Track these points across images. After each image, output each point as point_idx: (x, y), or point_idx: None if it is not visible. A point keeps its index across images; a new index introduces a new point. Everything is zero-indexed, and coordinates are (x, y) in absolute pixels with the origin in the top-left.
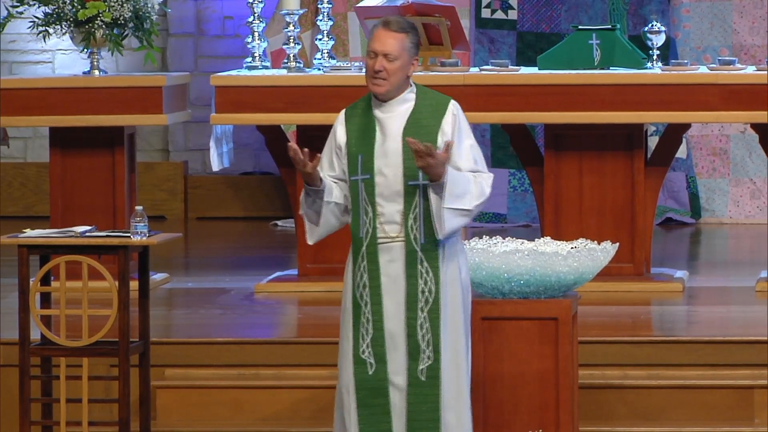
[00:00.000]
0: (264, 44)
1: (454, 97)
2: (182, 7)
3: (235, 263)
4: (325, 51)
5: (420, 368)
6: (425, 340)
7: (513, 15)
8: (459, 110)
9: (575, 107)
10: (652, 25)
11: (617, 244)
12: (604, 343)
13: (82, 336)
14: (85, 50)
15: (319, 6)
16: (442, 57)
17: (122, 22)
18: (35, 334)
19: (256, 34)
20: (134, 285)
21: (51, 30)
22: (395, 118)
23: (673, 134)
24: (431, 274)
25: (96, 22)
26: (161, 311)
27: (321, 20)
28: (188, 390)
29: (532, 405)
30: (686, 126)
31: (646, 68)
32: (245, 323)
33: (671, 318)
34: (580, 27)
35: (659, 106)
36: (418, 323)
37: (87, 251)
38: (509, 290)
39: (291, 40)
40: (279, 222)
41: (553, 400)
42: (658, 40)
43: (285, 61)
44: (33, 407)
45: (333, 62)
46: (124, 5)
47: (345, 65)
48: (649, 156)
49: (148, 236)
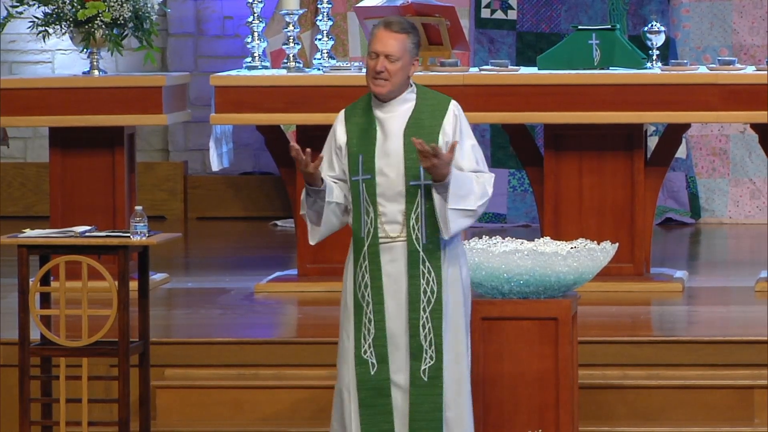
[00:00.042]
0: (264, 44)
1: (454, 97)
2: (182, 7)
3: (235, 263)
4: (325, 51)
5: (422, 368)
6: (427, 341)
7: (513, 15)
8: (460, 110)
9: (575, 107)
10: (652, 25)
11: (617, 244)
12: (604, 343)
13: (82, 336)
14: (85, 50)
15: (319, 6)
16: (442, 57)
17: (122, 22)
18: (35, 334)
19: (256, 34)
20: (134, 285)
21: (51, 30)
22: (396, 118)
23: (673, 134)
24: (433, 275)
25: (96, 22)
26: (161, 311)
27: (320, 20)
28: (188, 390)
29: (532, 405)
30: (686, 126)
31: (646, 68)
32: (245, 323)
33: (671, 318)
34: (580, 27)
35: (659, 106)
36: (420, 323)
37: (87, 251)
38: (509, 290)
39: (291, 40)
40: (279, 222)
41: (553, 400)
42: (658, 40)
43: (285, 61)
44: (33, 407)
45: (332, 62)
46: (124, 5)
47: (344, 65)
48: (649, 156)
49: (148, 236)
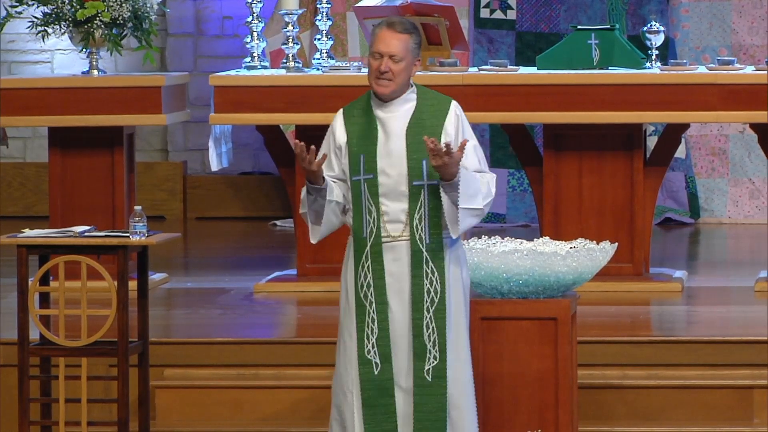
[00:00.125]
0: (263, 44)
1: (453, 97)
2: (181, 7)
3: (235, 263)
4: (324, 51)
5: (426, 368)
6: (431, 341)
7: (512, 15)
8: (461, 111)
9: (574, 107)
10: (651, 25)
11: (616, 244)
12: (604, 343)
13: (81, 336)
14: (84, 50)
15: (318, 6)
16: (441, 57)
17: (121, 22)
18: (34, 334)
19: (255, 34)
20: (133, 285)
21: (50, 30)
22: (397, 118)
23: (672, 134)
24: (437, 275)
25: (95, 22)
26: (160, 311)
27: (320, 20)
28: (188, 390)
29: (532, 405)
30: (685, 126)
31: (645, 68)
32: (245, 323)
33: (671, 318)
34: (579, 27)
35: (658, 106)
36: (424, 323)
37: (86, 251)
38: (508, 290)
39: (290, 40)
40: (278, 222)
41: (553, 400)
42: (657, 40)
43: (284, 61)
44: (32, 407)
45: (332, 62)
46: (123, 5)
47: (344, 65)
48: (648, 156)
49: (147, 236)
